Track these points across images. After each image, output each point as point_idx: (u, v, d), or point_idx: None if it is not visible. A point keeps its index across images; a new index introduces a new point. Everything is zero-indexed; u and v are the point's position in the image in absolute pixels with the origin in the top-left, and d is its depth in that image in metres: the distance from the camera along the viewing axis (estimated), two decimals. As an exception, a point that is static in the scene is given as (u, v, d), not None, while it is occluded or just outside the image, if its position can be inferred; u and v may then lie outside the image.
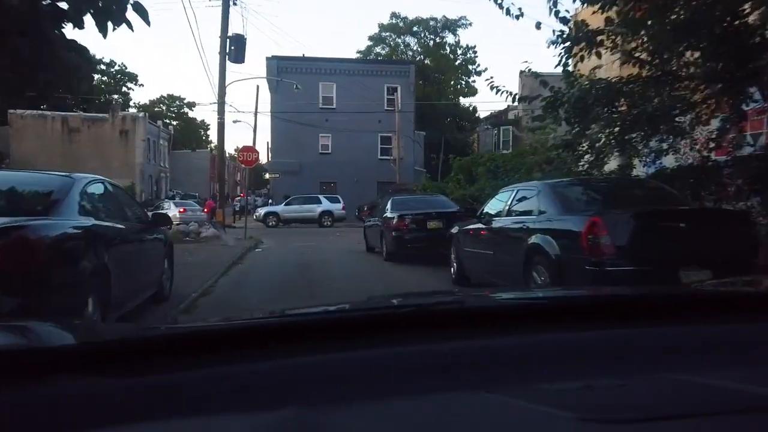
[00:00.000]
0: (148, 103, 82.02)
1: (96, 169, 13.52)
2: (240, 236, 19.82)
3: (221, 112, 22.82)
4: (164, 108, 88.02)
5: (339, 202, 32.41)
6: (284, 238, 21.70)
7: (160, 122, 54.64)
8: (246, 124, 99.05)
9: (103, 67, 67.77)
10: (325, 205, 32.20)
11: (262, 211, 32.73)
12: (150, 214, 7.54)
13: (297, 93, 32.19)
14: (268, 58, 37.80)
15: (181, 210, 29.15)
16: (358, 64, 38.50)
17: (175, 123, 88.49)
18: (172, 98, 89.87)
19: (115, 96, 61.38)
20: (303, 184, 35.89)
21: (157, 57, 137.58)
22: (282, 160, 37.35)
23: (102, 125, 44.50)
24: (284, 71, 37.42)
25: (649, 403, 0.86)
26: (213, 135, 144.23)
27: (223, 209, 23.60)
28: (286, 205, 32.23)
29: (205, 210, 31.09)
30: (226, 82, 22.33)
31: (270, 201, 36.84)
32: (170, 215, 13.49)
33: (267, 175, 35.95)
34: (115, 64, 69.98)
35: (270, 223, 31.48)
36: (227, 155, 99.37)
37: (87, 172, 5.97)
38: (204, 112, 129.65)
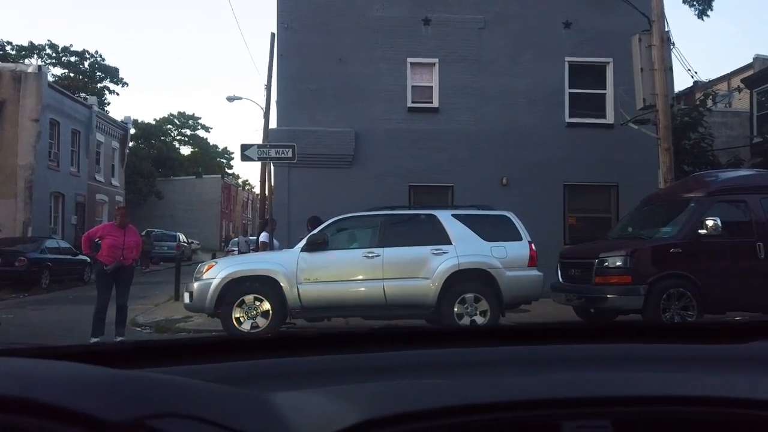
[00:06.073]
0: (153, 122, 62.71)
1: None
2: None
3: None
4: (173, 128, 69.22)
5: (519, 236, 8.47)
6: None
7: (92, 99, 32.12)
8: (252, 104, 74.36)
9: (73, 59, 46.97)
10: (466, 245, 8.29)
11: (215, 274, 8.23)
12: None
13: None
14: None
15: None
16: None
17: (189, 150, 68.79)
18: (183, 117, 70.21)
19: (86, 96, 39.53)
20: (364, 188, 12.68)
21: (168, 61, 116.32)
22: (301, 129, 13.93)
23: (-49, 90, 22.33)
24: None
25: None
26: (238, 164, 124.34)
27: None
28: (310, 248, 8.39)
29: (85, 250, 9.34)
30: None
31: (251, 240, 12.37)
32: None
33: (256, 159, 11.36)
34: (89, 55, 48.48)
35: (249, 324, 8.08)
36: (239, 180, 77.09)
37: None
38: (226, 137, 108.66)
